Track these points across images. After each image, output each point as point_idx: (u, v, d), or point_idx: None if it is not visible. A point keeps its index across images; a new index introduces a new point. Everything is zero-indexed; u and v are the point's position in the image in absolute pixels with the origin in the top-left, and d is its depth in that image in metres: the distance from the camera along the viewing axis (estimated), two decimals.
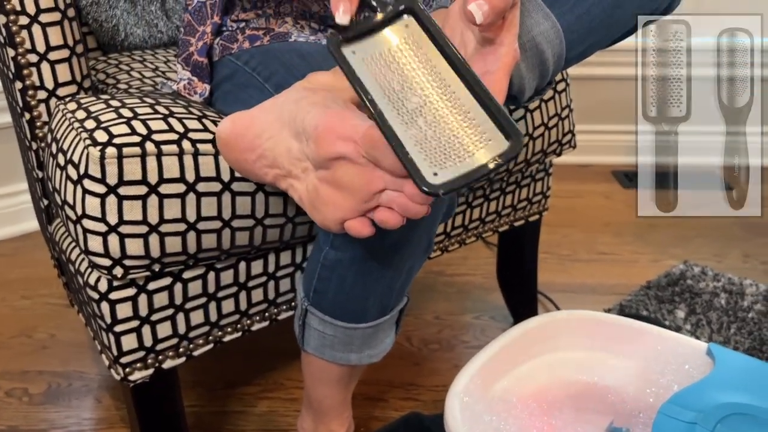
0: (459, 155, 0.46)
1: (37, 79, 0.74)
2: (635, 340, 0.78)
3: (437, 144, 0.46)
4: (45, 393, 1.05)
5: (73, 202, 0.63)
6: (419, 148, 0.46)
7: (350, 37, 0.49)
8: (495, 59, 0.48)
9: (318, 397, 0.78)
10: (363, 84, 0.48)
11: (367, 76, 0.48)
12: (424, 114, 0.47)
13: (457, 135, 0.46)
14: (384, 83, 0.48)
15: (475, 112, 0.46)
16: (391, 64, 0.48)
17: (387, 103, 0.47)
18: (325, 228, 0.55)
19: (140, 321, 0.69)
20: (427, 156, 0.46)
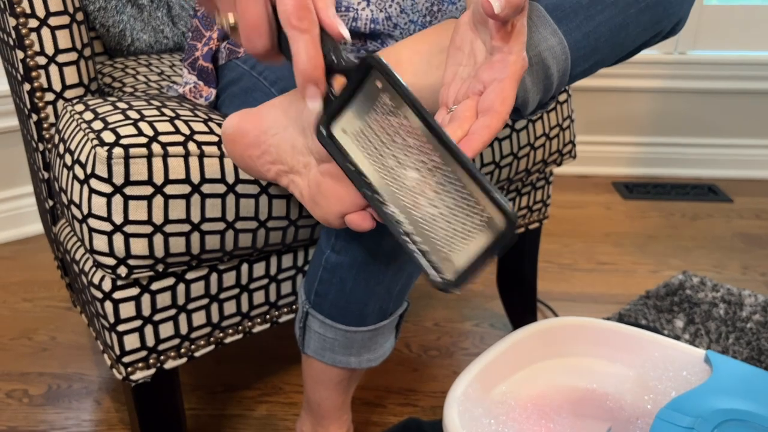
0: (467, 237, 0.42)
1: (45, 81, 0.75)
2: (633, 347, 0.79)
3: (443, 229, 0.43)
4: (45, 394, 1.05)
5: (79, 202, 0.63)
6: (428, 235, 0.43)
7: (334, 112, 0.47)
8: (503, 67, 0.49)
9: (317, 399, 0.78)
10: (358, 171, 0.46)
11: (358, 155, 0.46)
12: (425, 190, 0.44)
13: (458, 213, 0.43)
14: (379, 160, 0.46)
15: (467, 184, 0.42)
16: (380, 136, 0.45)
17: (387, 183, 0.45)
18: (326, 223, 0.56)
19: (143, 321, 0.70)
20: (437, 241, 0.43)
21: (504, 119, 0.49)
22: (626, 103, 1.94)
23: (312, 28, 0.44)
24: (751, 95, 1.91)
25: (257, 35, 0.46)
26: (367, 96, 0.45)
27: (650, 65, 1.88)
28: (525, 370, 0.78)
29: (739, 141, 1.97)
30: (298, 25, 0.44)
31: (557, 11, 0.58)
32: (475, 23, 0.52)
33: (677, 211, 1.76)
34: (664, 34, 0.66)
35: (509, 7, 0.45)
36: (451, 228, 0.43)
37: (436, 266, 0.44)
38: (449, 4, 0.79)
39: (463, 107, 0.50)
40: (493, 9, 0.45)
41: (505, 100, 0.48)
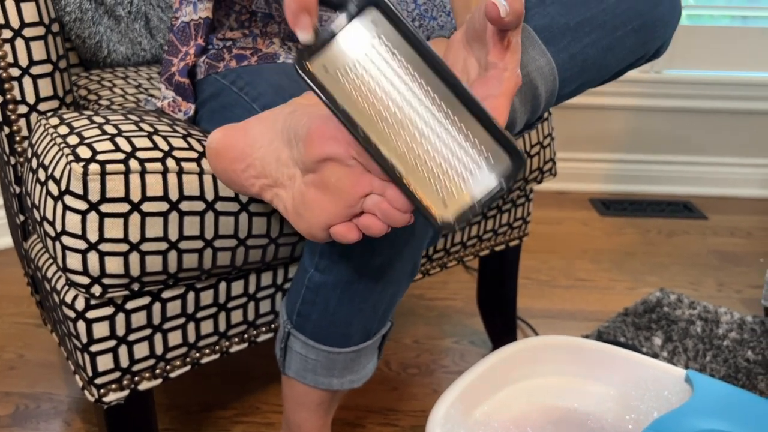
0: (466, 180, 0.41)
1: (19, 93, 0.73)
2: (614, 367, 0.79)
3: (441, 171, 0.42)
4: (12, 415, 1.02)
5: (52, 219, 0.61)
6: (424, 178, 0.42)
7: (318, 47, 0.43)
8: (498, 83, 0.48)
9: (298, 421, 0.76)
10: (347, 113, 0.42)
11: (347, 99, 0.43)
12: (422, 130, 0.42)
13: (457, 151, 0.41)
14: (366, 101, 0.43)
15: (467, 122, 0.41)
16: (368, 76, 0.43)
17: (378, 128, 0.42)
18: (311, 236, 0.55)
19: (117, 341, 0.68)
20: (435, 183, 0.41)
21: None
22: (603, 120, 1.97)
23: None
24: (725, 114, 1.95)
25: None
26: (358, 33, 0.43)
27: (627, 83, 1.91)
28: (506, 390, 0.78)
29: (713, 159, 2.01)
30: None
31: (546, 32, 0.58)
32: (468, 40, 0.52)
33: (653, 227, 1.78)
34: (648, 56, 0.67)
35: (513, 13, 0.45)
36: (450, 169, 0.41)
37: (430, 209, 0.42)
38: (430, 20, 0.79)
39: None
40: (499, 12, 0.45)
41: (499, 116, 0.48)
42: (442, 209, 0.41)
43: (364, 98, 0.43)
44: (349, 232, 0.51)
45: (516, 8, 0.46)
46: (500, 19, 0.45)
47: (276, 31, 0.78)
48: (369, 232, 0.50)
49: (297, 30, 0.43)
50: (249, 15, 0.78)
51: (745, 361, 1.17)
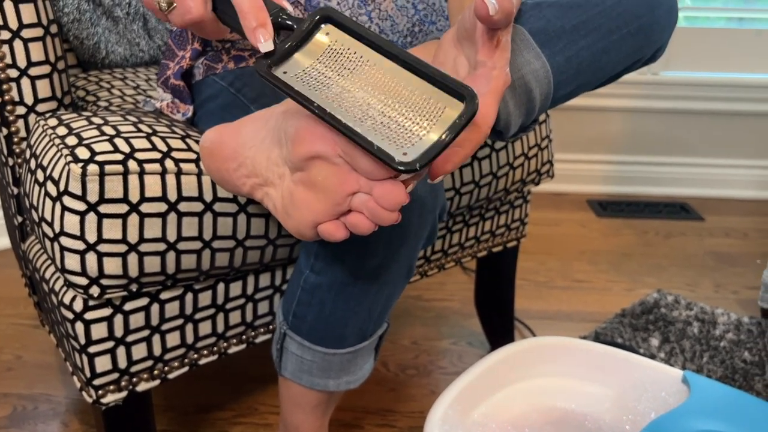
0: (422, 130, 0.44)
1: (17, 95, 0.73)
2: (612, 368, 0.79)
3: (396, 126, 0.45)
4: (9, 416, 1.02)
5: (51, 219, 0.62)
6: (381, 136, 0.45)
7: (277, 60, 0.49)
8: (486, 81, 0.49)
9: (295, 423, 0.76)
10: (303, 94, 0.47)
11: (304, 89, 0.48)
12: (373, 104, 0.46)
13: (412, 112, 0.45)
14: (323, 90, 0.47)
15: (420, 86, 0.45)
16: (325, 73, 0.48)
17: (334, 105, 0.46)
18: (299, 235, 0.55)
19: (115, 342, 0.68)
20: (392, 141, 0.45)
21: (485, 133, 0.48)
22: (601, 122, 1.97)
23: None
24: (722, 116, 1.96)
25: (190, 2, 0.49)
26: (314, 45, 0.49)
27: (624, 85, 1.91)
28: (504, 391, 0.78)
29: (710, 160, 2.01)
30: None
31: (541, 35, 0.59)
32: (459, 39, 0.52)
33: (651, 229, 1.78)
34: (644, 60, 0.67)
35: (502, 12, 0.46)
36: (409, 124, 0.45)
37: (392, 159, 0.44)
38: (430, 24, 0.79)
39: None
40: (488, 10, 0.45)
41: (487, 114, 0.48)
42: (403, 157, 0.44)
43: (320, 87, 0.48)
44: (337, 230, 0.51)
45: (505, 7, 0.46)
46: (489, 17, 0.46)
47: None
48: (356, 230, 0.50)
49: (256, 43, 0.48)
50: None
51: (742, 362, 1.17)
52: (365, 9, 0.75)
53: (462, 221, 0.97)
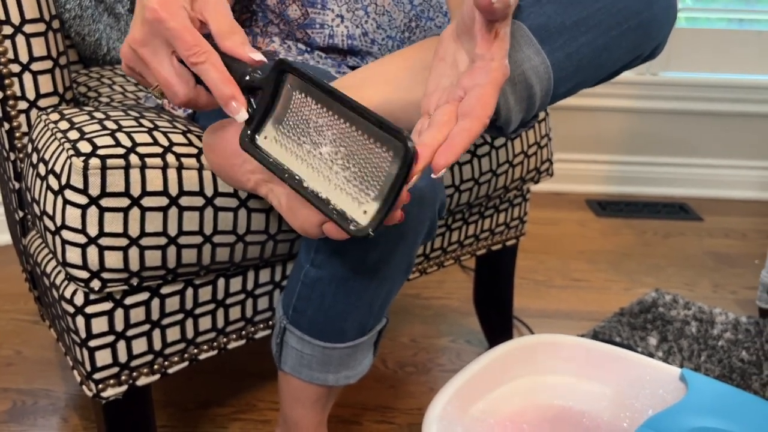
0: (376, 181, 0.47)
1: (19, 89, 0.73)
2: (610, 365, 0.79)
3: (358, 180, 0.47)
4: (9, 411, 1.02)
5: (52, 213, 0.62)
6: (345, 194, 0.48)
7: (255, 126, 0.52)
8: (485, 73, 0.49)
9: (294, 417, 0.77)
10: (279, 165, 0.51)
11: (282, 154, 0.51)
12: (338, 158, 0.48)
13: (368, 162, 0.47)
14: (298, 151, 0.50)
15: (369, 132, 0.46)
16: (297, 128, 0.50)
17: (306, 167, 0.50)
18: (304, 233, 0.55)
19: (116, 336, 0.68)
20: (354, 197, 0.47)
21: (484, 124, 0.48)
22: (600, 122, 1.97)
23: (208, 56, 0.50)
24: (722, 116, 1.96)
25: (175, 88, 0.52)
26: (284, 99, 0.51)
27: (623, 85, 1.92)
28: (502, 388, 0.78)
29: (709, 161, 2.01)
30: (195, 61, 0.50)
31: (541, 31, 0.59)
32: (459, 33, 0.52)
33: (649, 229, 1.78)
34: (643, 57, 0.67)
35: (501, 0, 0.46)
36: (366, 178, 0.47)
37: (351, 221, 0.48)
38: (427, 21, 0.79)
39: (441, 112, 0.50)
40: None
41: (486, 105, 0.48)
42: (362, 216, 0.47)
43: (292, 147, 0.51)
44: (340, 231, 0.51)
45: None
46: (489, 5, 0.46)
47: (276, 31, 0.79)
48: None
49: (233, 114, 0.51)
50: (249, 15, 0.79)
51: (740, 361, 1.18)
52: (361, 3, 0.75)
53: (461, 219, 0.97)
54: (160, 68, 0.52)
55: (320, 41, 0.76)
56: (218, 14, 0.52)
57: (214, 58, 0.50)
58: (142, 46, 0.52)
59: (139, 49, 0.52)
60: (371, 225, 0.46)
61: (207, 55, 0.50)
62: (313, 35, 0.76)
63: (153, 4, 0.50)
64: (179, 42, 0.50)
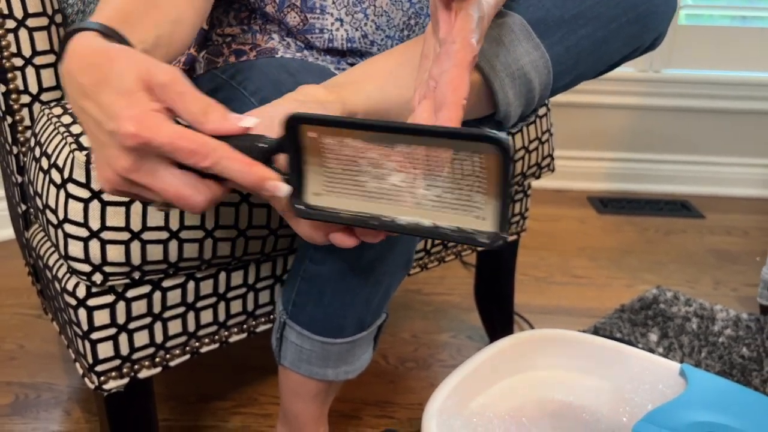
0: (476, 185, 0.42)
1: (22, 83, 0.73)
2: (610, 360, 0.79)
3: (453, 194, 0.43)
4: (12, 404, 1.03)
5: (55, 206, 0.62)
6: (448, 211, 0.43)
7: (299, 189, 0.46)
8: (447, 58, 0.47)
9: (294, 411, 0.77)
10: (354, 215, 0.45)
11: (345, 202, 0.45)
12: (415, 181, 0.43)
13: (455, 172, 0.42)
14: (362, 192, 0.45)
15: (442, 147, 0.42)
16: (347, 172, 0.45)
17: (385, 204, 0.44)
18: (310, 240, 0.55)
19: (117, 329, 0.68)
20: (460, 210, 0.43)
21: (460, 106, 0.47)
22: (602, 119, 1.97)
23: (217, 152, 0.43)
24: (723, 114, 1.96)
25: (191, 200, 0.45)
26: (312, 150, 0.45)
27: (625, 83, 1.91)
28: (502, 383, 0.79)
29: (711, 158, 2.01)
30: (207, 165, 0.43)
31: (540, 25, 0.59)
32: (432, 25, 0.52)
33: (651, 226, 1.78)
34: (644, 48, 0.67)
35: None
36: (461, 191, 0.42)
37: (474, 232, 0.43)
38: (426, 18, 0.79)
39: (419, 110, 0.49)
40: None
41: (456, 88, 0.46)
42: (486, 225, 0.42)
43: (353, 191, 0.45)
44: (348, 238, 0.50)
45: None
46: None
47: (275, 28, 0.79)
48: (367, 239, 0.49)
49: (271, 193, 0.44)
50: (249, 12, 0.79)
51: (740, 358, 1.18)
52: (360, 6, 0.76)
53: None
54: (166, 186, 0.44)
55: (320, 45, 0.76)
56: (184, 98, 0.43)
57: (223, 151, 0.43)
58: (135, 172, 0.43)
59: (133, 176, 0.43)
60: (501, 228, 0.42)
61: (215, 151, 0.43)
62: (312, 39, 0.76)
63: (128, 128, 0.41)
64: (179, 154, 0.42)
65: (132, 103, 0.42)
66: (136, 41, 0.50)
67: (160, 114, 0.42)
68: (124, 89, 0.42)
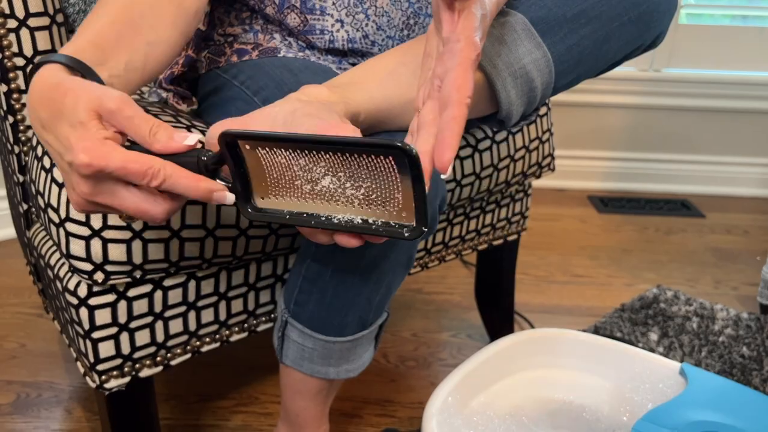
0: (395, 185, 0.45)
1: (23, 83, 0.74)
2: (610, 359, 0.80)
3: (377, 193, 0.46)
4: (13, 403, 1.03)
5: (57, 205, 0.62)
6: (375, 208, 0.46)
7: (245, 195, 0.50)
8: (452, 56, 0.48)
9: (296, 410, 0.77)
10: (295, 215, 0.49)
11: (288, 204, 0.50)
12: (344, 182, 0.47)
13: (375, 174, 0.45)
14: (300, 194, 0.49)
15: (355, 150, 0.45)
16: (283, 178, 0.49)
17: (320, 203, 0.48)
18: (314, 239, 0.54)
19: (119, 328, 0.68)
20: (385, 206, 0.46)
21: (465, 105, 0.47)
22: (602, 118, 1.97)
23: (164, 171, 0.47)
24: (724, 113, 1.96)
25: (150, 213, 0.49)
26: (251, 161, 0.49)
27: (626, 82, 1.91)
28: (503, 382, 0.79)
29: (711, 158, 2.01)
30: (156, 184, 0.47)
31: (542, 24, 0.59)
32: (435, 24, 0.52)
33: (651, 225, 1.79)
34: (645, 46, 0.67)
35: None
36: (384, 190, 0.46)
37: (398, 227, 0.46)
38: (425, 17, 0.79)
39: (425, 111, 0.50)
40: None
41: (461, 86, 0.47)
42: (408, 219, 0.46)
43: (293, 193, 0.49)
44: (353, 238, 0.50)
45: None
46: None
47: (277, 27, 0.79)
48: (373, 239, 0.50)
49: (219, 202, 0.49)
50: (249, 12, 0.79)
51: (740, 357, 1.18)
52: (362, 7, 0.76)
53: (463, 214, 0.97)
54: (127, 204, 0.48)
55: (321, 46, 0.76)
56: (132, 122, 0.47)
57: (170, 169, 0.47)
58: (96, 195, 0.47)
59: (95, 199, 0.48)
60: (419, 222, 0.45)
61: (162, 170, 0.47)
62: (313, 41, 0.76)
63: (82, 158, 0.45)
64: (131, 177, 0.46)
65: (84, 135, 0.45)
66: (108, 68, 0.53)
67: (110, 142, 0.46)
68: (76, 121, 0.46)
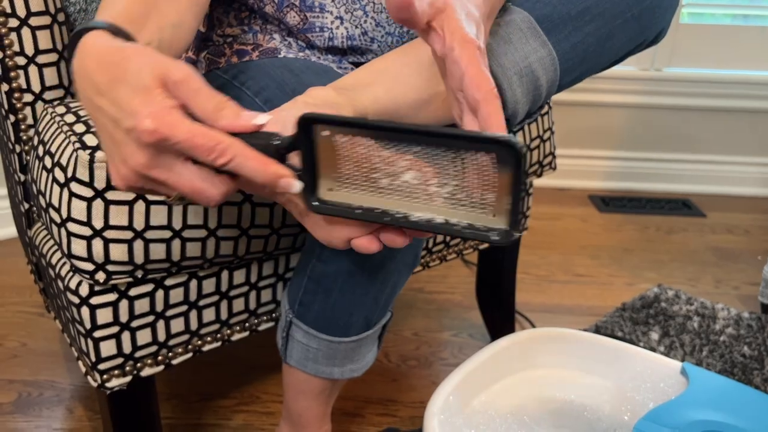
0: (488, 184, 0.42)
1: (24, 82, 0.74)
2: (611, 359, 0.80)
3: (465, 192, 0.43)
4: (15, 402, 1.03)
5: (58, 205, 0.62)
6: (460, 209, 0.43)
7: (311, 186, 0.47)
8: (457, 67, 0.46)
9: (298, 409, 0.77)
10: (367, 210, 0.46)
11: (358, 197, 0.46)
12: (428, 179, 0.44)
13: (468, 171, 0.42)
14: (375, 188, 0.45)
15: (456, 148, 0.42)
16: (360, 169, 0.46)
17: (397, 200, 0.45)
18: (328, 244, 0.53)
19: (120, 327, 0.69)
20: (473, 207, 0.43)
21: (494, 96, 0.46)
22: (603, 117, 1.97)
23: (232, 149, 0.43)
24: (725, 112, 1.96)
25: (207, 193, 0.45)
26: (324, 149, 0.46)
27: (627, 81, 1.91)
28: (504, 381, 0.79)
29: (713, 157, 2.01)
30: (223, 162, 0.43)
31: (547, 22, 0.59)
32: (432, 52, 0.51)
33: (652, 224, 1.78)
34: (647, 42, 0.67)
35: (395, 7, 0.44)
36: (473, 189, 0.43)
37: (485, 229, 0.43)
38: None
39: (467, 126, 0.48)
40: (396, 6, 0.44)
41: (480, 84, 0.46)
42: (498, 222, 0.43)
43: (366, 187, 0.46)
44: (371, 243, 0.49)
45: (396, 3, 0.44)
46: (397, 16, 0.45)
47: (276, 28, 0.79)
48: (392, 245, 0.49)
49: (285, 190, 0.45)
50: (249, 12, 0.79)
51: (741, 356, 1.18)
52: (359, 3, 0.76)
53: None
54: (183, 181, 0.45)
55: (320, 44, 0.76)
56: (198, 95, 0.44)
57: (237, 148, 0.44)
58: (152, 168, 0.44)
59: (150, 172, 0.44)
60: (512, 225, 0.42)
61: (231, 148, 0.43)
62: (313, 38, 0.76)
63: (147, 124, 0.42)
64: (196, 151, 0.43)
65: (149, 100, 0.42)
66: (142, 43, 0.50)
67: (177, 111, 0.43)
68: (141, 86, 0.42)
